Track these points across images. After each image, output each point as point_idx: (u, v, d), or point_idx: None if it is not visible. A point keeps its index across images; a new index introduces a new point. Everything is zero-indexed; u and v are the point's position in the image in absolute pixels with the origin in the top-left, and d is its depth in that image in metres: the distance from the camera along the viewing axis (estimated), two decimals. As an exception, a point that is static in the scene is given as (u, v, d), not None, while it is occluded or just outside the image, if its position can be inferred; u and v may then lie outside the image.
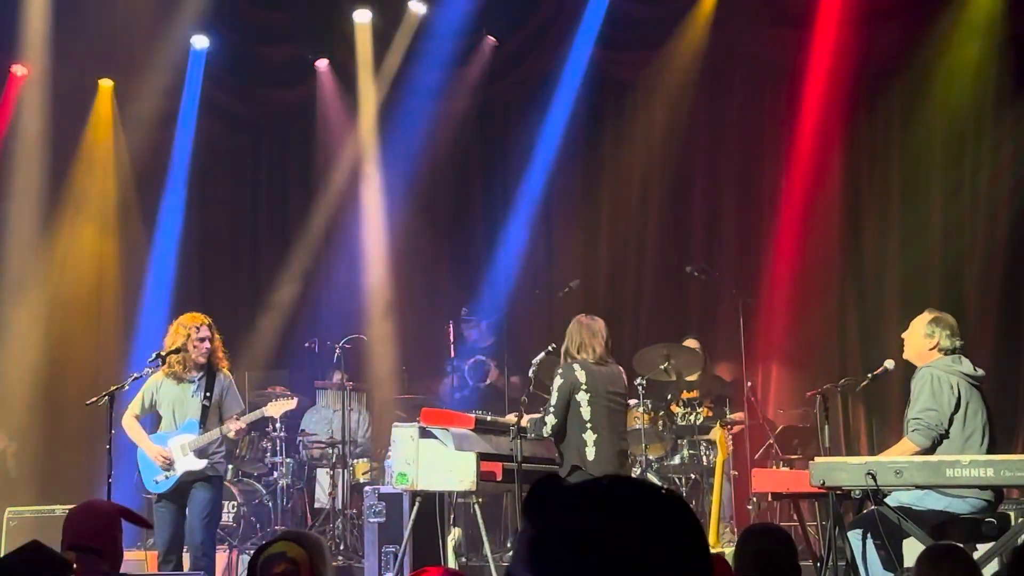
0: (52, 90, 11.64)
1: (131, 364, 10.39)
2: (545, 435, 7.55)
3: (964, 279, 10.44)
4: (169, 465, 7.93)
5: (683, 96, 11.54)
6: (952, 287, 10.37)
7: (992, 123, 10.45)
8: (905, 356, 6.95)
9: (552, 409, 7.50)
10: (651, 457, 9.47)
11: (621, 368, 7.85)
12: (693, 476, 9.51)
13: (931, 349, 6.75)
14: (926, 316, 6.88)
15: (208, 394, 8.08)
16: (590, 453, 7.39)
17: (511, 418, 7.90)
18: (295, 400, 8.60)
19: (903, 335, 7.00)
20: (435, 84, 11.87)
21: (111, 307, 12.29)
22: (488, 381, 10.95)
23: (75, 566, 3.20)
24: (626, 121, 11.92)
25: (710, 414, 9.74)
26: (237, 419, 8.05)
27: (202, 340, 8.08)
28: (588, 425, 7.44)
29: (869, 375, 7.41)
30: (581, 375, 7.48)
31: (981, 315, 10.23)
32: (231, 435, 8.10)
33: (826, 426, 6.99)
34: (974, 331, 10.04)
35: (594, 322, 7.70)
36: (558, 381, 7.51)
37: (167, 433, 8.08)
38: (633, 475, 8.25)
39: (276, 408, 8.43)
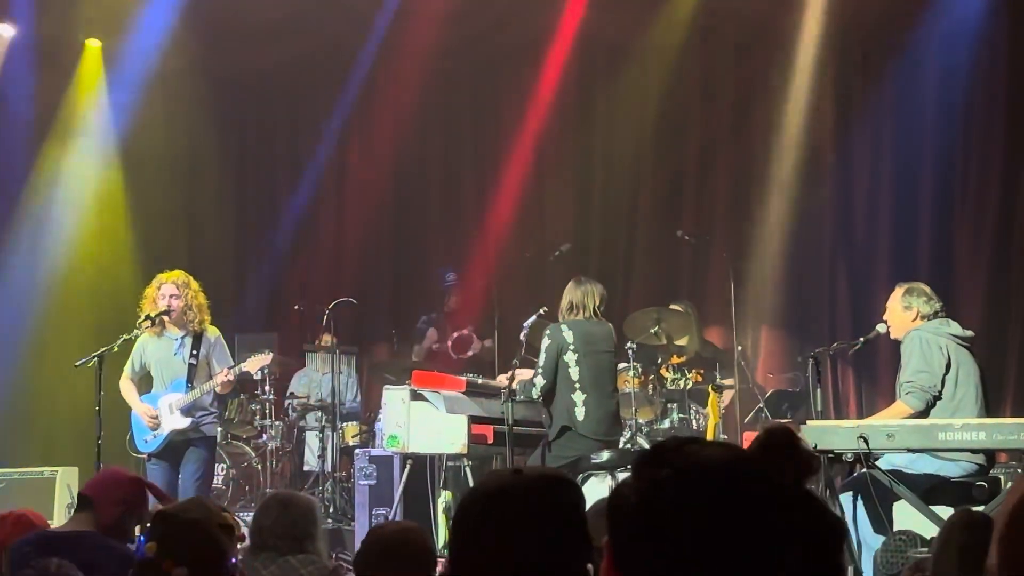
0: (39, 50, 11.49)
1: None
2: (535, 396, 7.55)
3: (954, 240, 10.42)
4: (157, 424, 7.94)
5: (675, 56, 11.47)
6: (942, 248, 10.35)
7: (985, 84, 10.37)
8: (892, 336, 6.96)
9: (541, 370, 7.51)
10: (640, 421, 9.44)
11: (611, 325, 7.85)
12: (683, 440, 9.46)
13: (913, 320, 6.78)
14: (898, 291, 6.92)
15: (194, 352, 8.06)
16: (580, 413, 7.40)
17: (502, 380, 7.90)
18: (271, 355, 8.54)
19: (884, 317, 7.02)
20: (426, 42, 11.74)
21: (97, 275, 12.16)
22: (471, 352, 10.91)
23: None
24: (618, 82, 11.83)
25: (700, 379, 9.73)
26: (227, 372, 8.03)
27: (165, 297, 8.03)
28: (577, 385, 7.44)
29: (861, 339, 7.44)
30: (568, 335, 7.49)
31: (971, 275, 10.21)
32: (218, 389, 8.11)
33: (818, 390, 6.99)
34: (963, 293, 10.05)
35: (590, 283, 7.70)
36: (546, 342, 7.53)
37: (157, 393, 8.13)
38: (622, 439, 8.26)
39: (253, 363, 8.38)
